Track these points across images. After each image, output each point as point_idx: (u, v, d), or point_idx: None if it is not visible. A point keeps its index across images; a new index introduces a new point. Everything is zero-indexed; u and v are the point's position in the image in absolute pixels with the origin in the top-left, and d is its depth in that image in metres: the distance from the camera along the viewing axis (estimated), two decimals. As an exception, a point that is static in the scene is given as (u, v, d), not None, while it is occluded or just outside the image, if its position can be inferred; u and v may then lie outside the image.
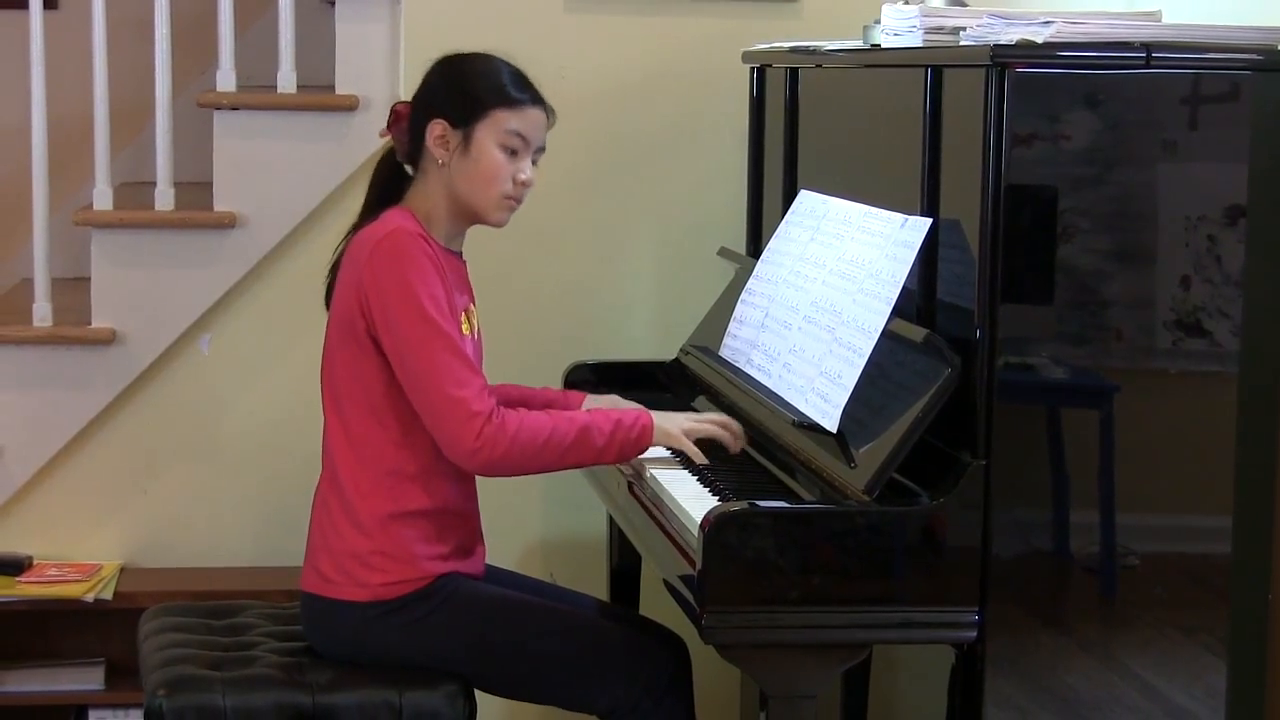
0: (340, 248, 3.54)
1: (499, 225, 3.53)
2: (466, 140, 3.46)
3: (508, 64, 3.52)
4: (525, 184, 3.49)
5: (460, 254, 3.57)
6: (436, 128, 3.47)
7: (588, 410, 3.53)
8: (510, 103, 3.47)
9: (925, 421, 3.06)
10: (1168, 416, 3.11)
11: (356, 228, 3.52)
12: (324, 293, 3.57)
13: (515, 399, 3.75)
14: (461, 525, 3.50)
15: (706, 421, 3.53)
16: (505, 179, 3.47)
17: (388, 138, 3.57)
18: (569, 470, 3.51)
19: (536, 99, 3.50)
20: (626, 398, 3.80)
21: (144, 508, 4.63)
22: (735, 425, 3.54)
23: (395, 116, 3.56)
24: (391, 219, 3.44)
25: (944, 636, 3.09)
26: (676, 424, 3.50)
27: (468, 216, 3.53)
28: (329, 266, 3.57)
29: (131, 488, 4.63)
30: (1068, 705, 3.10)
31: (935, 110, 3.23)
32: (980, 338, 3.05)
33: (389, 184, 3.56)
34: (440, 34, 4.44)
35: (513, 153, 3.47)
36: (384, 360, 3.39)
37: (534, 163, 3.52)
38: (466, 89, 3.48)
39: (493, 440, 3.32)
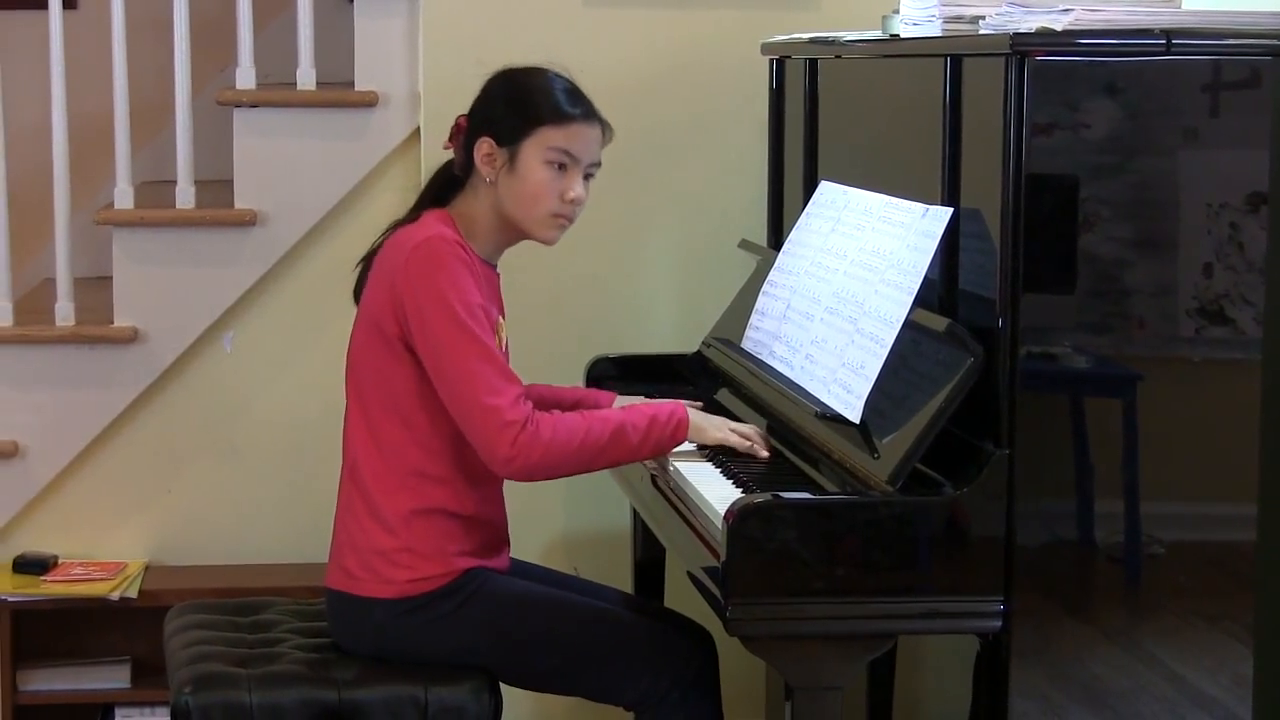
0: (377, 242, 3.52)
1: (548, 243, 3.51)
2: (513, 158, 3.44)
3: (560, 78, 3.49)
4: (574, 201, 3.45)
5: (496, 267, 3.56)
6: (484, 146, 3.45)
7: (621, 408, 3.52)
8: (557, 120, 3.43)
9: (948, 411, 3.06)
10: (1191, 404, 3.10)
11: (399, 224, 3.52)
12: (354, 284, 3.57)
13: (544, 398, 3.75)
14: (486, 526, 3.50)
15: (741, 429, 3.52)
16: (552, 197, 3.44)
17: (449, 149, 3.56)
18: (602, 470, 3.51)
19: (588, 114, 3.46)
20: (650, 392, 3.81)
21: (168, 506, 4.65)
22: (765, 435, 3.54)
23: (455, 129, 3.54)
24: (430, 224, 3.43)
25: (969, 626, 3.09)
26: (714, 423, 3.49)
27: (515, 232, 3.51)
28: (362, 257, 3.56)
29: (155, 486, 4.64)
30: (1093, 694, 3.10)
31: (955, 99, 3.22)
32: (1002, 327, 3.04)
33: (443, 190, 3.55)
34: (459, 29, 4.45)
35: (560, 168, 3.43)
36: (414, 364, 3.38)
37: (590, 177, 3.49)
38: (513, 106, 3.45)
39: (528, 448, 3.31)
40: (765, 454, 3.49)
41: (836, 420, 3.26)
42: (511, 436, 3.30)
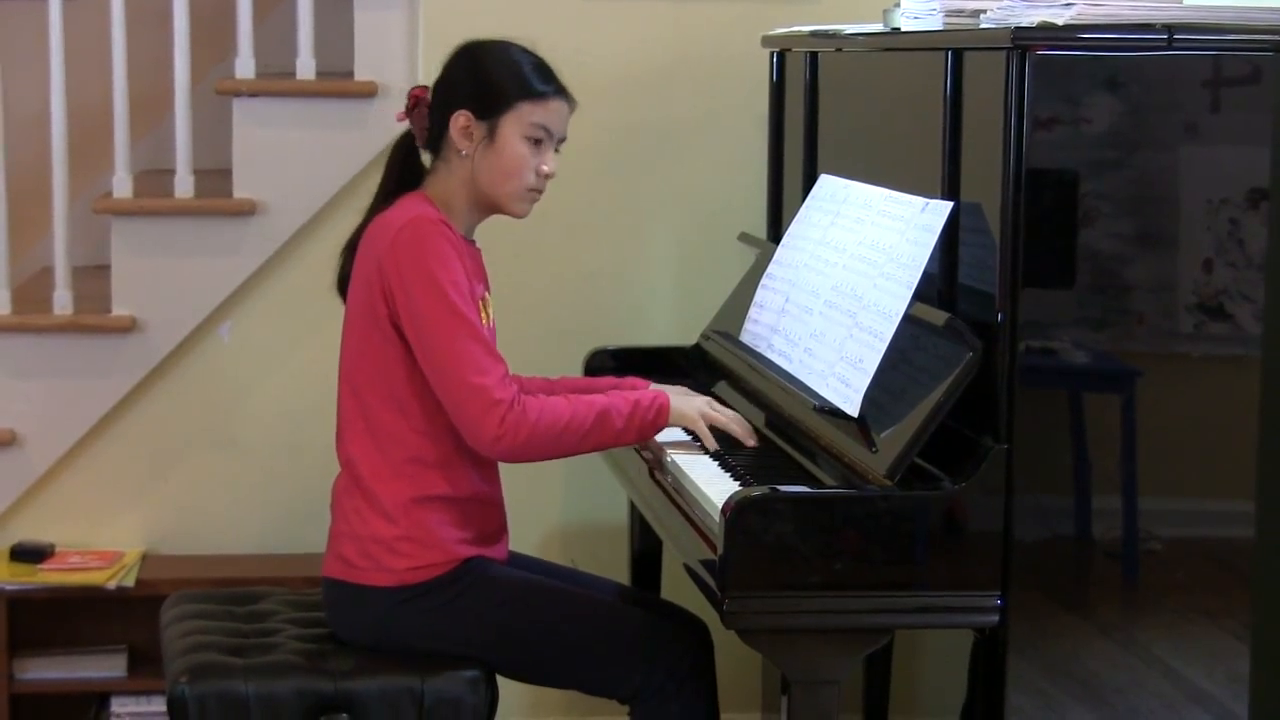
0: (357, 231, 3.53)
1: (520, 216, 3.53)
2: (491, 132, 3.46)
3: (531, 54, 3.52)
4: (548, 175, 3.50)
5: (475, 243, 3.57)
6: (461, 119, 3.46)
7: (605, 394, 3.53)
8: (535, 95, 3.46)
9: (947, 406, 3.06)
10: (1190, 400, 3.10)
11: (372, 212, 3.53)
12: (336, 278, 3.57)
13: (579, 388, 3.74)
14: (485, 511, 3.51)
15: (722, 413, 3.53)
16: (528, 171, 3.47)
17: (404, 122, 3.57)
18: (589, 454, 3.51)
19: (560, 90, 3.50)
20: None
21: (165, 495, 4.64)
22: (748, 425, 3.54)
23: (414, 101, 3.55)
24: (411, 206, 3.44)
25: (966, 621, 3.09)
26: (694, 407, 3.50)
27: (488, 207, 3.53)
28: (342, 249, 3.57)
29: (153, 475, 4.64)
30: (1090, 689, 3.10)
31: (956, 93, 3.22)
32: (1002, 322, 3.04)
33: (405, 169, 3.57)
34: (459, 19, 4.44)
35: (536, 143, 3.47)
36: (407, 348, 3.38)
37: (556, 151, 3.52)
38: (492, 81, 3.47)
39: (515, 428, 3.32)
40: (751, 442, 3.50)
41: (835, 414, 3.26)
42: (500, 416, 3.31)
